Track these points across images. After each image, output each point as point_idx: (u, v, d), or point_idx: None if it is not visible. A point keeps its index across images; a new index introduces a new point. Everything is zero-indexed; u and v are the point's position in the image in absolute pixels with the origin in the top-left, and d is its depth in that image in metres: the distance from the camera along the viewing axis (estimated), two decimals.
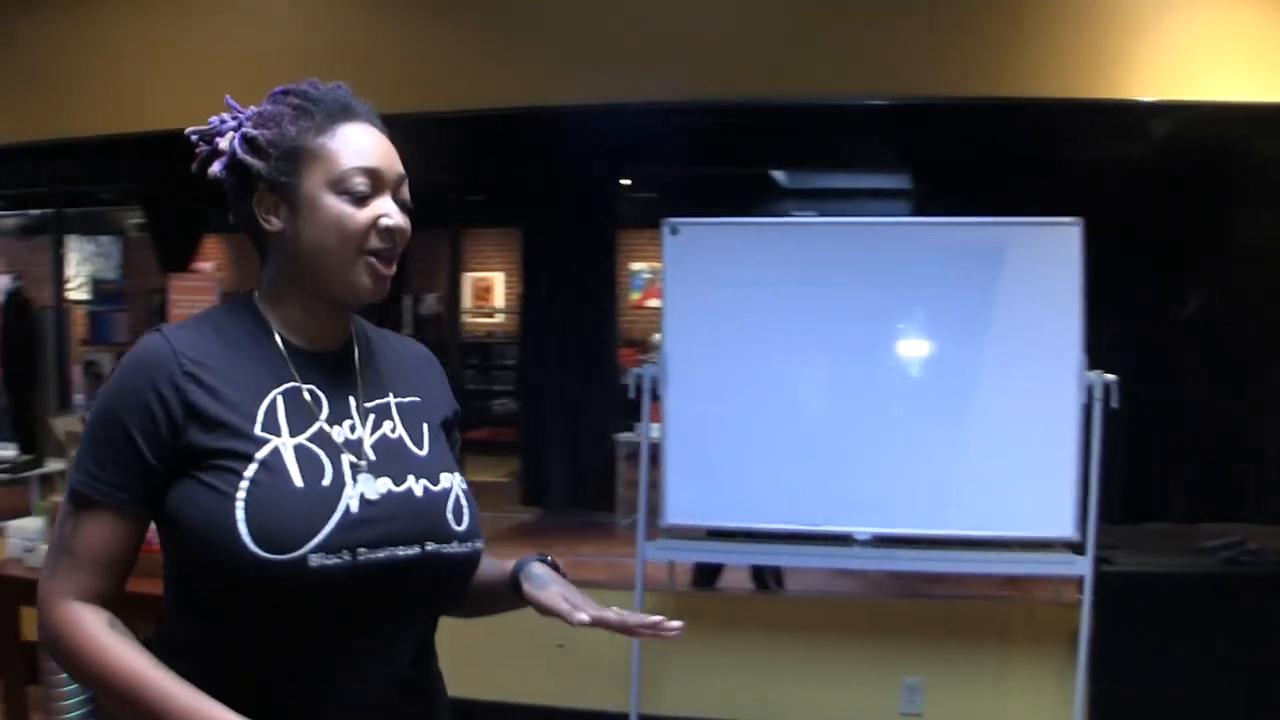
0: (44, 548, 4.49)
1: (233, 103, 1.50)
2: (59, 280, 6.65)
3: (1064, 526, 3.66)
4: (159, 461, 1.37)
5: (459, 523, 1.47)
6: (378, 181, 1.44)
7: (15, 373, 7.52)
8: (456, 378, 10.09)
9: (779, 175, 7.90)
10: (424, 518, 1.44)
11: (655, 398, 3.96)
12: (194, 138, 1.49)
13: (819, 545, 3.90)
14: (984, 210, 3.89)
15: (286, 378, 1.45)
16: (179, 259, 7.15)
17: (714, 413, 3.96)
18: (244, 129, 1.45)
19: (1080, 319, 3.65)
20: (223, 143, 1.46)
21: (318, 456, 1.40)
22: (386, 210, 1.44)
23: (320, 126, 1.45)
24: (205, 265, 12.39)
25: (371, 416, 1.49)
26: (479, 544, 1.51)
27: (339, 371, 1.50)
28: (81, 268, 11.40)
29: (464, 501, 1.49)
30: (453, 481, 1.50)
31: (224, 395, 1.39)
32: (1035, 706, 3.84)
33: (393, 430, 1.50)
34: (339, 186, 1.42)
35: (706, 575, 4.70)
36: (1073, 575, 3.71)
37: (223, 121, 1.48)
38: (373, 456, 1.44)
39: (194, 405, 1.37)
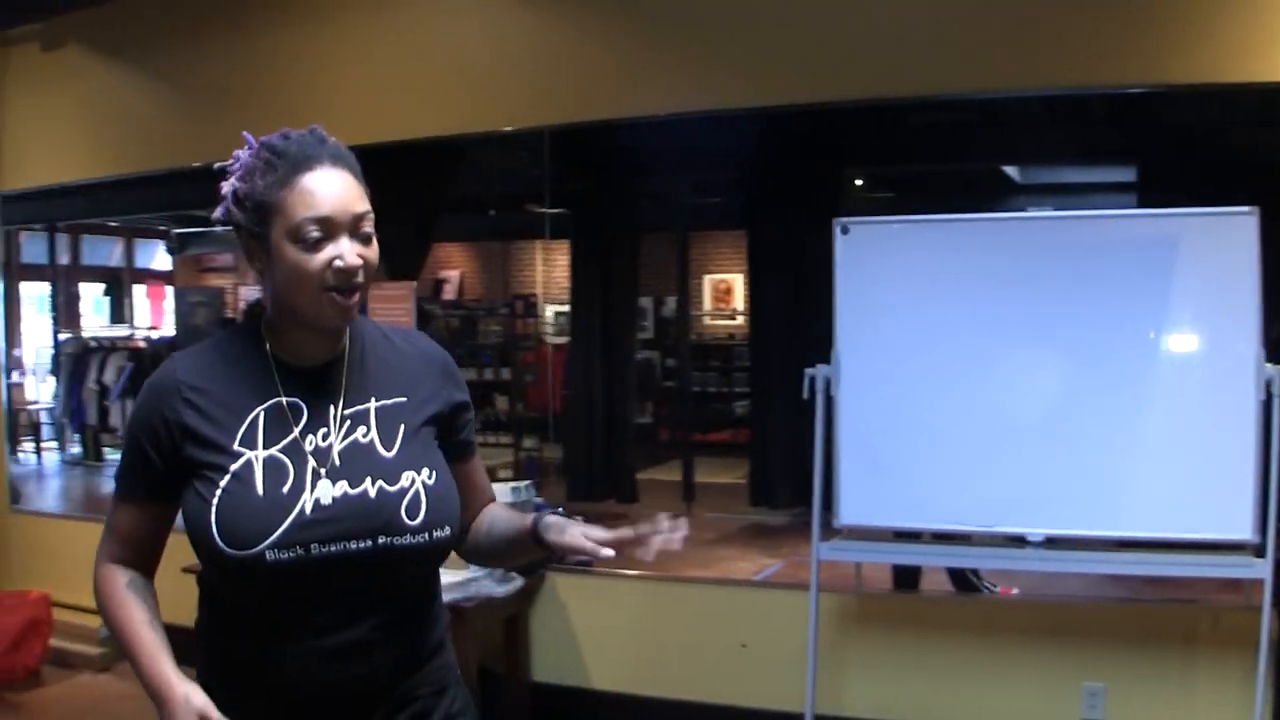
0: None
1: (250, 142, 1.71)
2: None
3: (1241, 528, 3.49)
4: (166, 468, 1.68)
5: (412, 517, 1.68)
6: (330, 227, 1.63)
7: None
8: (688, 380, 10.30)
9: (1011, 170, 7.71)
10: (377, 516, 1.66)
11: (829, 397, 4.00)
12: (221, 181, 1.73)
13: (992, 547, 3.85)
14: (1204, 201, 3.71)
15: (273, 393, 1.70)
16: (407, 267, 7.51)
17: (886, 412, 3.96)
18: (235, 179, 1.67)
19: (1257, 311, 3.47)
20: (224, 188, 1.69)
21: (285, 466, 1.66)
22: (339, 252, 1.63)
23: (282, 180, 1.63)
24: (451, 273, 13.03)
25: (348, 423, 1.72)
26: (439, 533, 1.71)
27: (324, 383, 1.73)
28: None
29: (422, 497, 1.70)
30: (414, 479, 1.71)
31: (213, 416, 1.67)
32: (1221, 715, 3.66)
33: (365, 435, 1.72)
34: (295, 236, 1.62)
35: (906, 578, 4.67)
36: (1252, 579, 3.53)
37: (234, 165, 1.70)
38: (338, 462, 1.68)
39: (188, 426, 1.66)
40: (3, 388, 6.46)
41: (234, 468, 1.64)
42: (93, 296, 12.18)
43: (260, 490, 1.63)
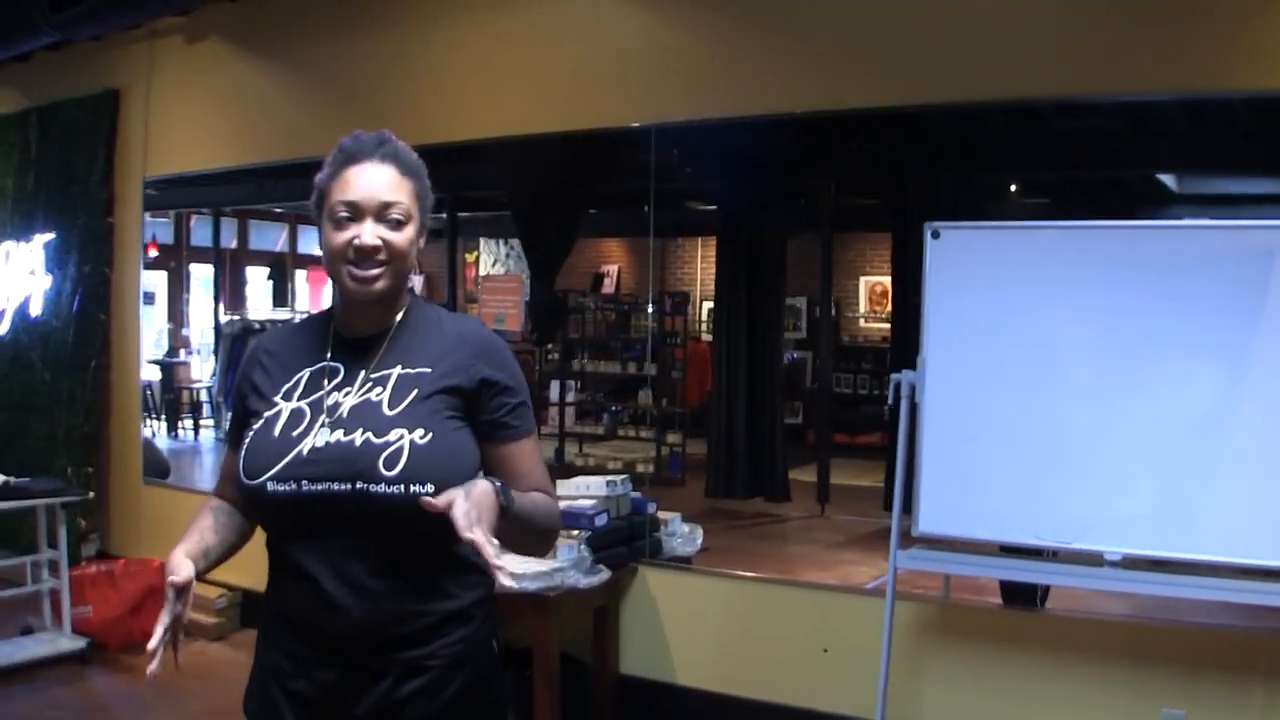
0: None
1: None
2: (452, 280, 7.19)
3: None
4: (245, 416, 1.98)
5: (389, 469, 1.81)
6: (356, 210, 1.88)
7: None
8: (831, 380, 10.11)
9: (1168, 179, 7.32)
10: (356, 462, 1.82)
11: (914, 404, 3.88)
12: None
13: (1070, 564, 3.66)
14: None
15: (321, 358, 1.97)
16: (550, 258, 7.57)
17: (969, 421, 3.81)
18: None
19: None
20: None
21: (304, 414, 1.90)
22: (358, 232, 1.87)
23: (334, 172, 1.92)
24: (611, 267, 13.08)
25: (369, 384, 1.92)
26: (416, 487, 1.80)
27: (366, 351, 1.95)
28: (495, 270, 12.33)
29: (404, 453, 1.82)
30: (403, 435, 1.84)
31: (272, 373, 1.98)
32: None
33: (378, 395, 1.90)
34: (330, 216, 1.90)
35: (1018, 594, 4.41)
36: None
37: None
38: (344, 415, 1.88)
39: (253, 382, 1.99)
40: (139, 366, 6.75)
41: (267, 414, 1.92)
42: (258, 280, 12.70)
43: (276, 433, 1.89)
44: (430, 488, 1.79)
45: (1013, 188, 7.84)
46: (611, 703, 4.73)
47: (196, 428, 11.50)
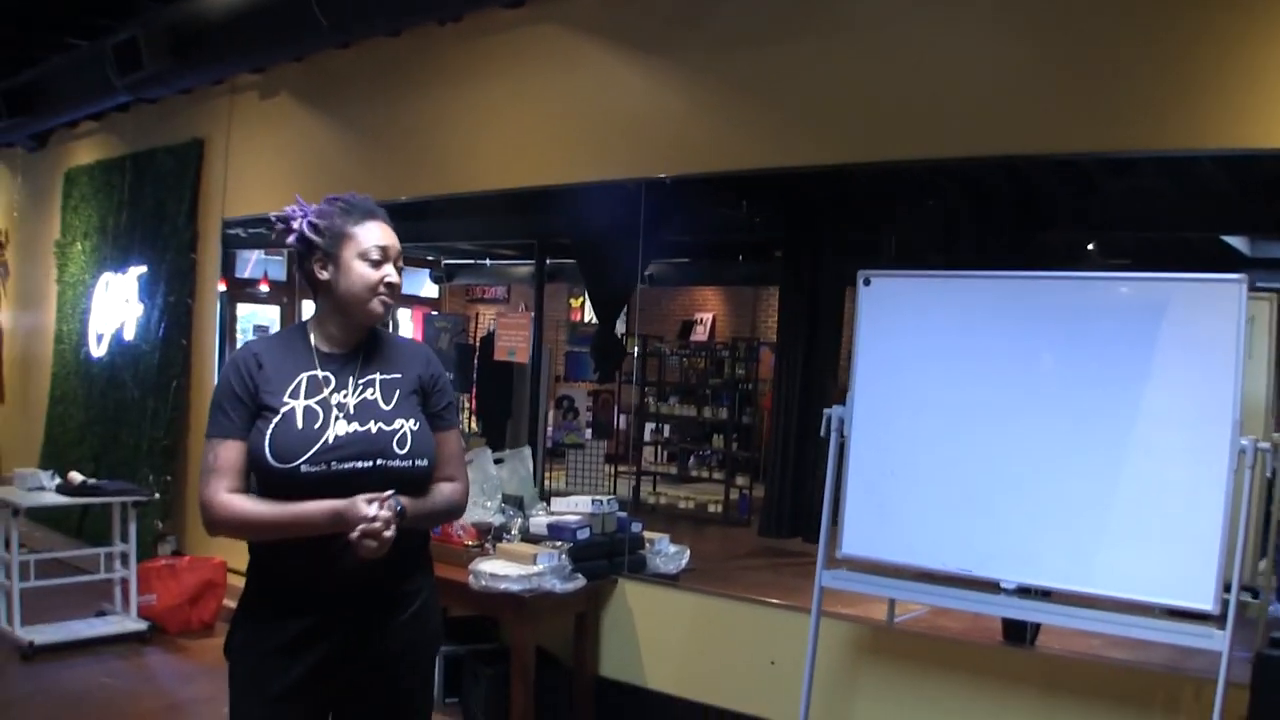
0: None
1: (300, 201, 2.43)
2: (539, 322, 7.25)
3: (1204, 598, 3.26)
4: (253, 409, 2.30)
5: (400, 449, 2.33)
6: (386, 255, 2.38)
7: (491, 405, 8.26)
8: None
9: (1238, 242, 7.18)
10: (376, 444, 2.31)
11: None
12: (274, 219, 2.44)
13: (971, 590, 3.75)
14: None
15: (310, 368, 2.36)
16: (610, 304, 7.72)
17: (889, 454, 3.94)
18: (308, 218, 2.37)
19: (1236, 381, 3.26)
20: (295, 224, 2.39)
21: (317, 412, 2.31)
22: (389, 273, 2.38)
23: (355, 220, 2.37)
24: (705, 315, 13.23)
25: (360, 386, 2.38)
26: (419, 462, 2.37)
27: (349, 361, 2.40)
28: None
29: (409, 436, 2.35)
30: (403, 424, 2.36)
31: (271, 378, 2.33)
32: None
33: (371, 394, 2.38)
34: (365, 257, 2.35)
35: (1016, 631, 4.36)
36: (1210, 650, 3.29)
37: (293, 212, 2.40)
38: (352, 411, 2.33)
39: (259, 382, 2.31)
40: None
41: (283, 410, 2.29)
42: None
43: (299, 426, 2.28)
44: (427, 462, 2.38)
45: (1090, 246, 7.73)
46: (588, 702, 4.92)
47: None
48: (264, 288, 13.08)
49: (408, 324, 13.49)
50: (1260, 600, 3.98)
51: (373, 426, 2.32)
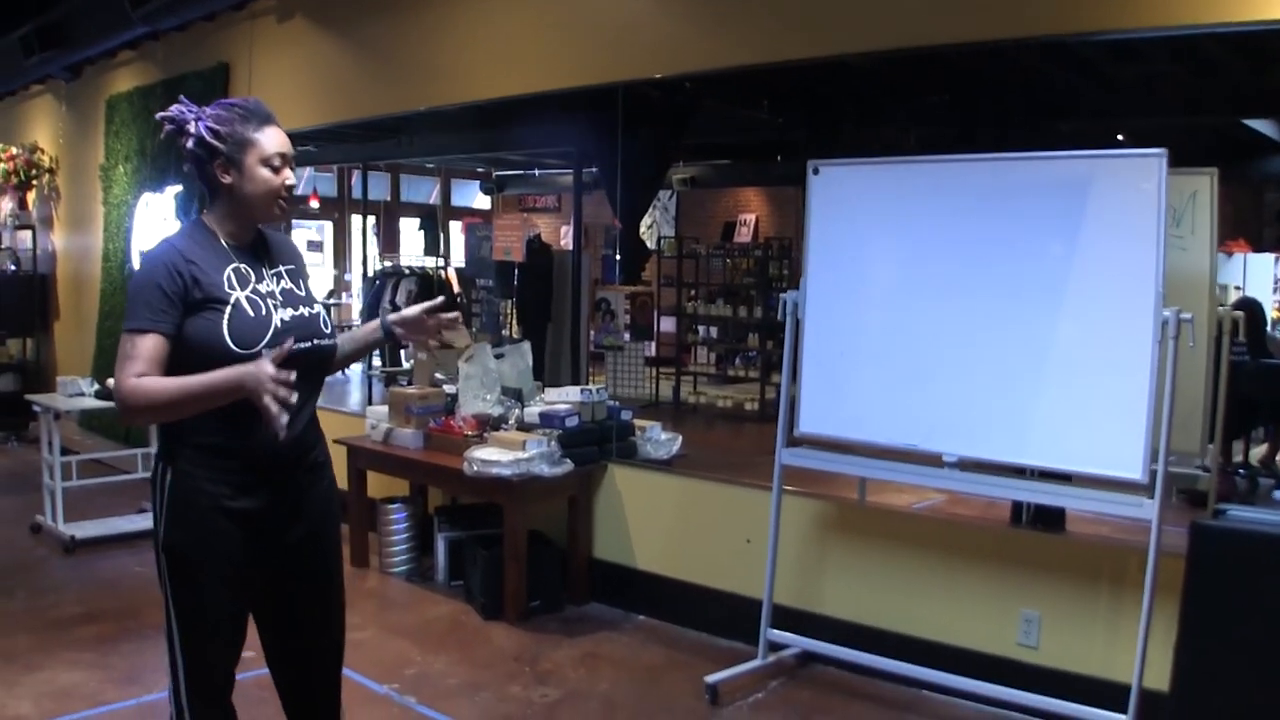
0: (386, 427, 5.46)
1: (186, 101, 2.43)
2: (577, 227, 7.29)
3: (1133, 468, 3.28)
4: (183, 306, 2.29)
5: (326, 328, 2.48)
6: (285, 160, 2.41)
7: (531, 310, 8.37)
8: None
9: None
10: (310, 326, 2.44)
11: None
12: (160, 118, 2.41)
13: (916, 464, 3.80)
14: None
15: (230, 261, 2.39)
16: (633, 204, 7.71)
17: (839, 335, 4.01)
18: (204, 122, 2.37)
19: (1159, 252, 3.24)
20: (190, 128, 2.38)
21: (259, 302, 2.38)
22: (289, 177, 2.42)
23: (255, 126, 2.38)
24: (748, 216, 13.10)
25: (275, 277, 2.46)
26: (335, 340, 2.54)
27: (254, 255, 2.46)
28: (643, 219, 12.51)
29: (325, 318, 2.50)
30: (318, 307, 2.51)
31: (205, 273, 2.33)
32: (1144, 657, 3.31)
33: (285, 283, 2.48)
34: (267, 163, 2.38)
35: (1049, 516, 4.27)
36: (1140, 519, 3.31)
37: (181, 114, 2.39)
38: (280, 299, 2.42)
39: (196, 278, 2.30)
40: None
41: (232, 300, 2.34)
42: (411, 230, 13.26)
43: (251, 314, 2.35)
44: (337, 339, 2.56)
45: None
46: (584, 581, 5.07)
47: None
48: (314, 203, 13.25)
49: (457, 234, 13.54)
50: (1209, 476, 3.96)
51: (304, 310, 2.44)
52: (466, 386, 5.40)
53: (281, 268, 2.49)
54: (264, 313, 2.37)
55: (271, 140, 2.38)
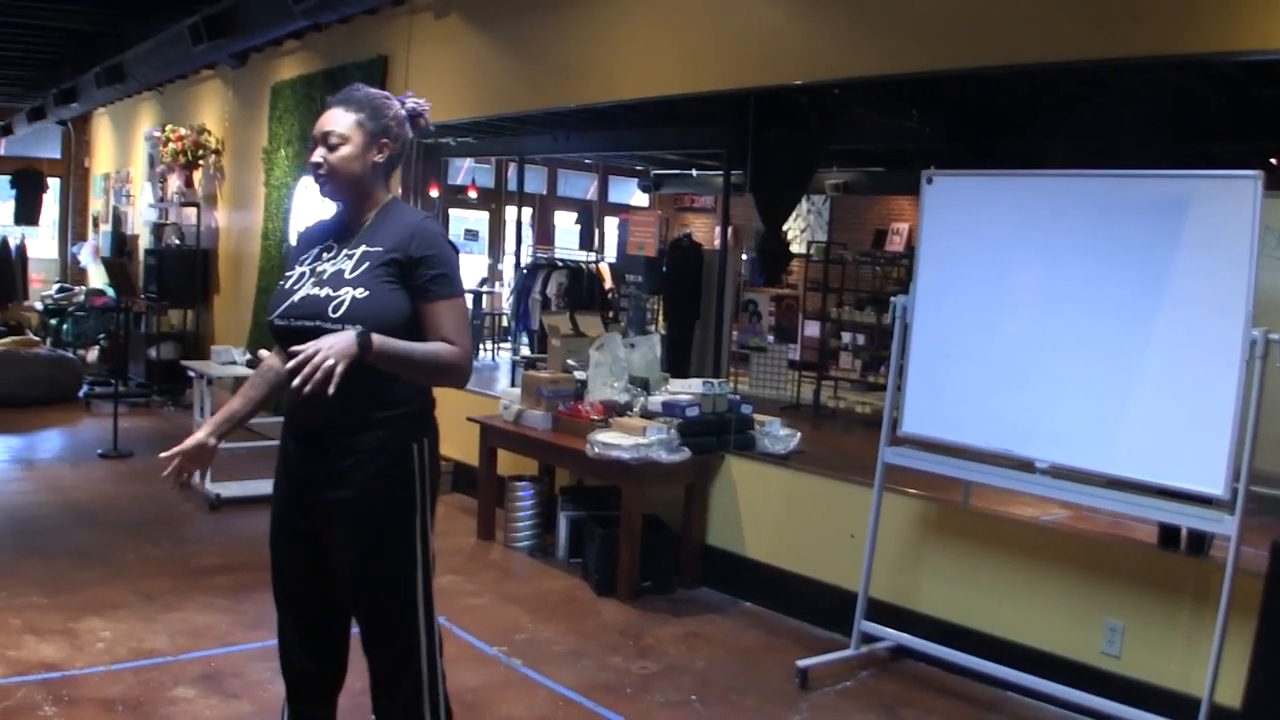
0: (517, 408, 5.94)
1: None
2: (724, 227, 7.65)
3: (1215, 483, 3.51)
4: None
5: (334, 314, 2.48)
6: (315, 140, 2.61)
7: (678, 308, 8.44)
8: None
9: None
10: (317, 307, 2.52)
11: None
12: None
13: (1009, 469, 4.08)
14: None
15: (330, 237, 2.65)
16: (774, 210, 8.01)
17: (944, 341, 4.31)
18: None
19: (1250, 272, 3.46)
20: None
21: (304, 275, 2.61)
22: (316, 155, 2.59)
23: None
24: (901, 225, 13.28)
25: (343, 256, 2.59)
26: (348, 327, 2.41)
27: (351, 234, 2.63)
28: (796, 223, 12.84)
29: (345, 303, 2.49)
30: (348, 293, 2.50)
31: (303, 247, 2.70)
32: (1223, 671, 3.50)
33: (343, 264, 2.57)
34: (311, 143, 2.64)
35: (1199, 543, 4.36)
36: (1221, 534, 3.54)
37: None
38: (325, 276, 2.56)
39: (295, 247, 2.75)
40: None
41: (295, 272, 2.64)
42: (567, 224, 13.81)
43: (286, 287, 2.61)
44: (360, 328, 2.40)
45: None
46: (695, 565, 5.50)
47: (496, 349, 12.86)
48: (472, 194, 13.97)
49: (613, 230, 14.02)
50: None
51: (326, 291, 2.53)
52: (596, 373, 5.86)
53: (364, 248, 2.57)
54: (292, 285, 2.60)
55: (319, 121, 2.62)
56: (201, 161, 10.50)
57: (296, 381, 2.27)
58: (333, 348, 2.31)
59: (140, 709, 3.71)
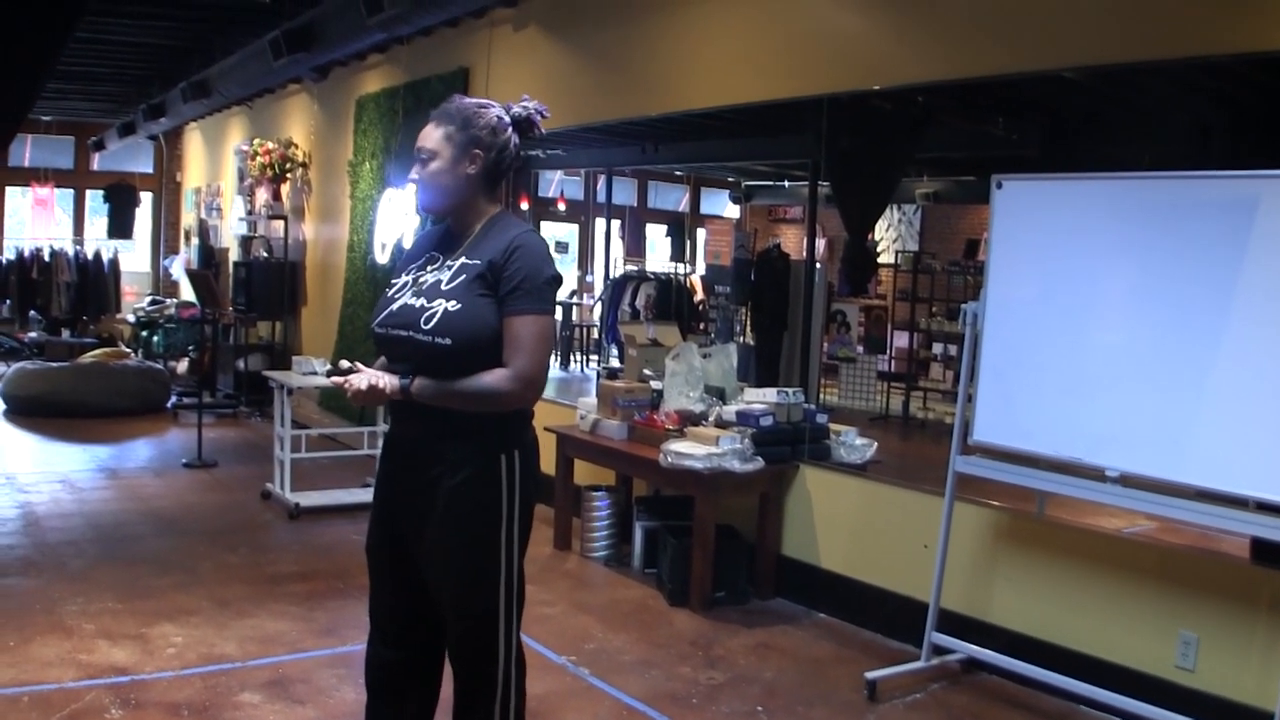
0: (594, 418, 6.14)
1: None
2: (811, 238, 7.77)
3: None
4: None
5: (425, 325, 2.61)
6: (416, 156, 2.77)
7: (766, 319, 8.53)
8: None
9: None
10: (410, 318, 2.67)
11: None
12: None
13: (1080, 477, 4.14)
14: None
15: (434, 248, 2.83)
16: (857, 218, 8.13)
17: (1016, 347, 4.38)
18: None
19: None
20: None
21: (406, 284, 2.76)
22: (412, 172, 2.77)
23: None
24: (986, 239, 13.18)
25: (445, 267, 2.73)
26: (440, 340, 2.61)
27: (455, 245, 2.78)
28: (887, 233, 12.89)
29: (436, 315, 2.62)
30: (441, 304, 2.63)
31: (412, 255, 2.87)
32: None
33: (445, 274, 2.70)
34: None
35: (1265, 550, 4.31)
36: None
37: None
38: (424, 287, 2.71)
39: (402, 254, 3.06)
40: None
41: (399, 281, 2.80)
42: (658, 236, 13.98)
43: (388, 294, 2.78)
44: (449, 341, 2.59)
45: None
46: (769, 576, 5.64)
47: (585, 361, 13.10)
48: (560, 206, 14.24)
49: (702, 242, 14.21)
50: None
51: (421, 301, 2.66)
52: (672, 383, 6.04)
53: (463, 260, 2.70)
54: (395, 295, 2.75)
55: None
56: (289, 175, 10.94)
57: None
58: (372, 390, 2.64)
59: (205, 713, 3.92)
